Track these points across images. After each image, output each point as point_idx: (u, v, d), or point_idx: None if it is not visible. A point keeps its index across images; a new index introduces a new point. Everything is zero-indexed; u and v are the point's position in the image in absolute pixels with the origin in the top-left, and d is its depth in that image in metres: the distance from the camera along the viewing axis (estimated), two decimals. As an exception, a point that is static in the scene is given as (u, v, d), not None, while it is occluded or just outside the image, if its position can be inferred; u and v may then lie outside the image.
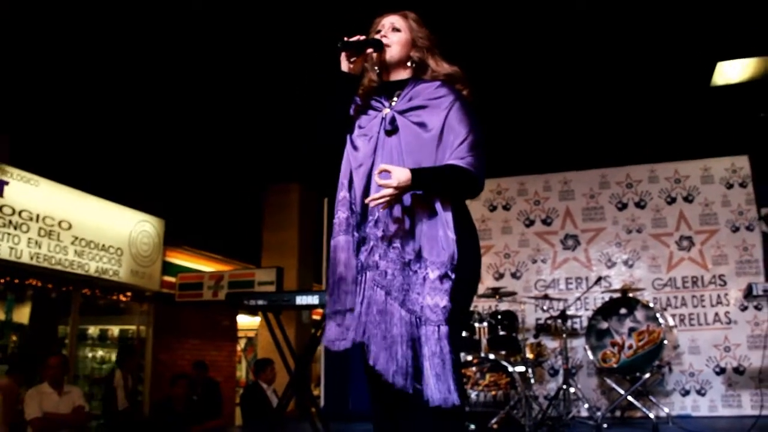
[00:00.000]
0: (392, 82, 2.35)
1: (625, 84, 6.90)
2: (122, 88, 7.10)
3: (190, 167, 9.02)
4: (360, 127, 2.30)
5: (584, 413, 5.90)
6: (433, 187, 2.10)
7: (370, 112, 2.32)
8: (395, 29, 2.32)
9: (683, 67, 6.59)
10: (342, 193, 2.25)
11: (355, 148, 2.28)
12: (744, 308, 6.22)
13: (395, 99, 2.29)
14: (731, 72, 6.59)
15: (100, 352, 9.45)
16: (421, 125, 2.18)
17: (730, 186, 6.57)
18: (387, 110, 2.27)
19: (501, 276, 6.94)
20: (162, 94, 7.21)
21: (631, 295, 5.85)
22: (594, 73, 6.76)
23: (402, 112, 2.23)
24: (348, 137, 2.31)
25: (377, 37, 2.31)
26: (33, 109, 7.24)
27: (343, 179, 2.27)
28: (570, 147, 7.68)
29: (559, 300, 6.23)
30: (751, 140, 6.79)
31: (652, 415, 5.28)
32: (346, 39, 2.25)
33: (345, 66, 2.28)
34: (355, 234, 2.18)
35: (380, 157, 2.19)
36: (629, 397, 5.57)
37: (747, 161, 6.55)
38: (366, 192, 2.18)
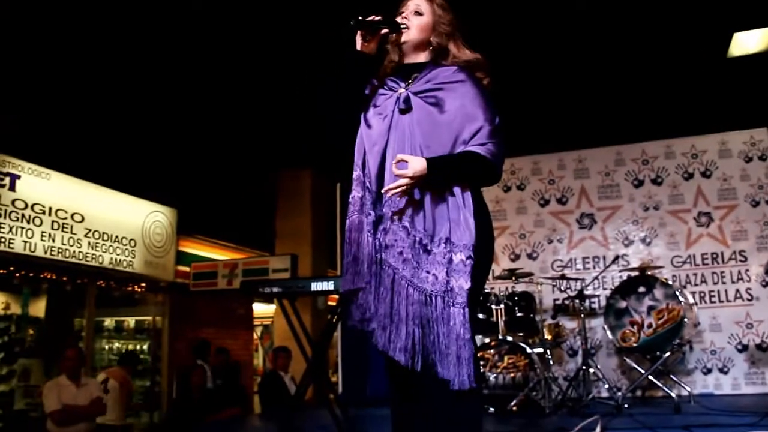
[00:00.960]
0: (410, 65, 2.34)
1: (639, 58, 6.77)
2: (131, 79, 7.05)
3: (200, 156, 8.98)
4: (375, 106, 2.29)
5: (605, 393, 5.84)
6: (449, 177, 2.09)
7: (386, 91, 2.30)
8: (418, 12, 2.31)
9: (699, 39, 6.45)
10: (356, 173, 2.25)
11: (369, 126, 2.27)
12: (766, 284, 6.11)
13: (411, 80, 2.28)
14: (748, 43, 6.44)
15: (116, 344, 9.49)
16: (436, 106, 2.17)
17: (749, 159, 6.44)
18: (402, 90, 2.26)
19: (517, 257, 6.87)
20: (171, 83, 7.16)
21: (649, 273, 5.76)
22: (607, 48, 6.63)
23: (417, 93, 2.22)
24: (362, 116, 2.30)
25: (399, 19, 2.30)
26: (42, 102, 7.20)
27: (357, 159, 2.27)
28: (584, 124, 7.56)
29: (576, 280, 6.14)
30: (771, 112, 6.65)
31: (673, 394, 5.22)
32: (360, 18, 2.23)
33: (360, 45, 2.27)
34: (371, 213, 2.17)
35: (393, 136, 2.19)
36: (650, 377, 5.50)
37: (766, 134, 6.42)
38: (380, 171, 2.17)
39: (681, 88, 7.18)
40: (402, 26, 2.27)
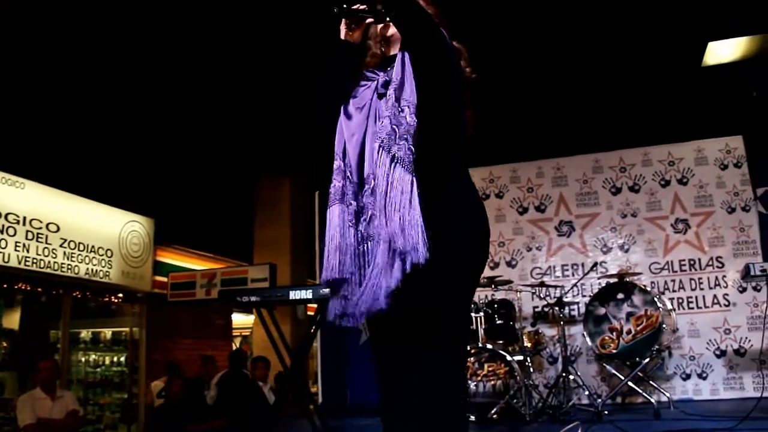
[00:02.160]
0: (392, 56, 2.24)
1: (616, 67, 6.83)
2: (107, 88, 6.99)
3: (178, 165, 8.91)
4: (354, 97, 2.22)
5: (585, 400, 5.84)
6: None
7: (365, 82, 2.24)
8: None
9: (674, 49, 6.53)
10: (336, 163, 2.16)
11: (348, 117, 2.19)
12: (743, 290, 6.17)
13: (390, 68, 2.18)
14: (722, 52, 6.52)
15: (93, 356, 9.35)
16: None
17: (724, 167, 6.50)
18: (381, 78, 2.18)
19: (496, 265, 6.87)
20: (148, 92, 7.10)
21: (627, 279, 5.79)
22: (584, 57, 6.68)
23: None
24: (342, 108, 2.22)
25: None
26: (15, 110, 7.10)
27: (338, 149, 2.18)
28: (562, 132, 7.61)
29: (555, 287, 6.15)
30: (745, 120, 6.72)
31: (653, 400, 5.23)
32: (345, 6, 2.16)
33: (344, 34, 2.22)
34: (352, 203, 2.08)
35: (372, 123, 2.11)
36: (629, 383, 5.51)
37: (741, 141, 6.49)
38: (360, 160, 2.09)
39: (657, 96, 7.25)
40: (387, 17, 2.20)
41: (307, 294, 4.44)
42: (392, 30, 2.23)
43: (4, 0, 5.55)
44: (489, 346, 5.53)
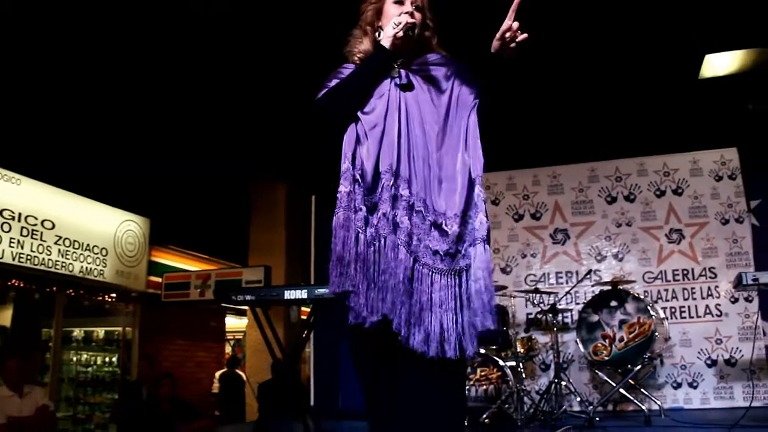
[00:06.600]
0: (396, 52, 2.29)
1: (614, 77, 6.87)
2: (106, 86, 6.99)
3: (175, 166, 8.91)
4: None
5: (576, 407, 5.85)
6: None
7: None
8: (418, 8, 2.30)
9: (671, 60, 6.57)
10: (344, 165, 2.12)
11: (364, 112, 2.17)
12: (734, 300, 6.20)
13: (399, 63, 2.26)
14: (719, 64, 6.57)
15: (84, 355, 9.32)
16: (434, 86, 2.22)
17: (719, 178, 6.55)
18: (396, 69, 2.23)
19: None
20: (147, 92, 7.10)
21: (621, 287, 5.82)
22: (582, 67, 6.72)
23: (413, 72, 2.24)
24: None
25: (406, 15, 2.23)
26: (12, 105, 7.10)
27: (347, 150, 2.14)
28: (558, 141, 7.64)
29: (549, 294, 6.18)
30: (740, 132, 6.77)
31: (644, 408, 5.25)
32: (411, 21, 2.20)
33: (388, 43, 2.21)
34: (362, 208, 2.05)
35: (394, 114, 2.13)
36: (621, 390, 5.54)
37: (736, 153, 6.54)
38: (378, 154, 2.08)
39: (654, 107, 7.28)
40: (415, 27, 2.24)
41: (302, 294, 4.45)
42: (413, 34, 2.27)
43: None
44: (482, 350, 5.55)
